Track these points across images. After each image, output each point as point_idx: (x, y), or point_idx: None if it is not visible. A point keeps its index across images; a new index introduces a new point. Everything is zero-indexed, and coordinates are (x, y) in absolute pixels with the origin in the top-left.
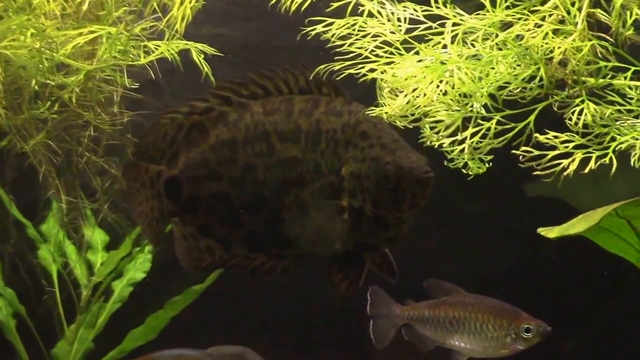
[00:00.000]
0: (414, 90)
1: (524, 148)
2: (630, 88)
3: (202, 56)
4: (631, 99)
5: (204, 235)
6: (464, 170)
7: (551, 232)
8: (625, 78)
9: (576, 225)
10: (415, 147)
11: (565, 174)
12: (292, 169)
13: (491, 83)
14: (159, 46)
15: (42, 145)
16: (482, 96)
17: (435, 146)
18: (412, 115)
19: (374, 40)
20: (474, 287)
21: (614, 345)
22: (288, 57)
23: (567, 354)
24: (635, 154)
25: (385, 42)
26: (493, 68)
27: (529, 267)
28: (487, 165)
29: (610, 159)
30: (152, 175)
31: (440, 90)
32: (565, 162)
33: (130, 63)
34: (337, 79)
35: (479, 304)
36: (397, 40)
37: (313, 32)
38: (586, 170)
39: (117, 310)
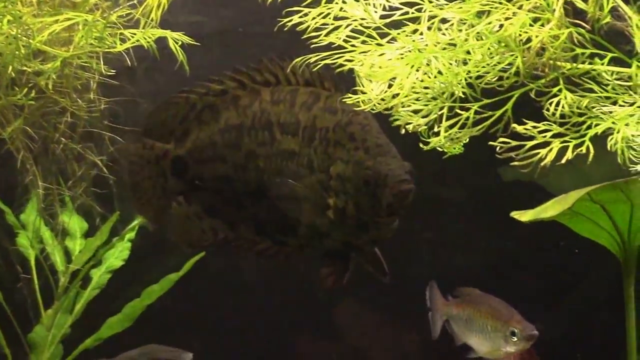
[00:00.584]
0: (393, 79)
1: (502, 139)
2: (607, 74)
3: (179, 43)
4: (607, 85)
5: (209, 215)
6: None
7: (524, 216)
8: (602, 64)
9: (549, 209)
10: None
11: (542, 163)
12: (290, 161)
13: (469, 71)
14: (134, 34)
15: (19, 132)
16: (460, 85)
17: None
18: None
19: (350, 27)
20: (448, 274)
21: (587, 329)
22: (264, 44)
23: (538, 336)
24: (612, 139)
25: (360, 31)
26: (468, 52)
27: (504, 252)
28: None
29: (588, 147)
30: (159, 153)
31: (418, 79)
32: (543, 151)
33: (106, 50)
34: (314, 68)
35: (482, 304)
36: (372, 28)
37: (289, 19)
38: (563, 160)
39: (95, 296)
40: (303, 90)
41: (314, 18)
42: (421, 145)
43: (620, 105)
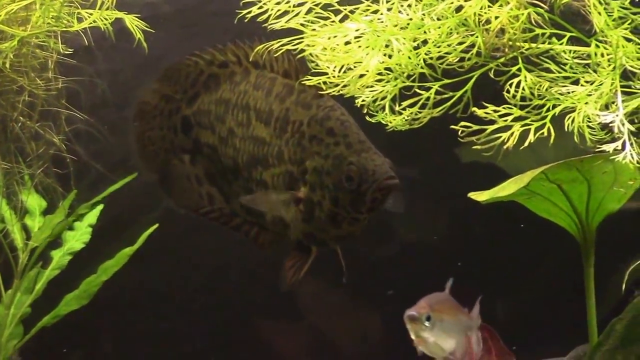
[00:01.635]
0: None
1: (463, 123)
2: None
3: (136, 22)
4: (566, 64)
5: (208, 181)
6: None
7: (482, 196)
8: (561, 44)
9: (506, 188)
10: None
11: (505, 147)
12: (260, 148)
13: (429, 51)
14: (91, 14)
15: None
16: (419, 66)
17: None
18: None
19: (309, 10)
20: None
21: (545, 309)
22: (221, 23)
23: (498, 318)
24: (569, 118)
25: (323, 16)
26: (425, 32)
27: (462, 231)
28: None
29: (548, 129)
30: (172, 108)
31: (380, 61)
32: (505, 135)
33: (63, 29)
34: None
35: None
36: (332, 10)
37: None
38: (526, 144)
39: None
40: (280, 80)
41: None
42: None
43: (582, 85)
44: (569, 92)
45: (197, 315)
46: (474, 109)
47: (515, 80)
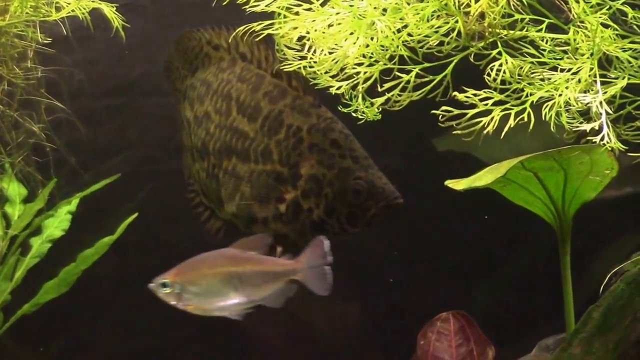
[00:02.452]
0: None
1: (444, 107)
2: (544, 40)
3: (114, 8)
4: (544, 50)
5: (200, 157)
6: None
7: (458, 184)
8: (540, 30)
9: (483, 178)
10: None
11: (485, 131)
12: (240, 141)
13: (410, 33)
14: (69, 3)
15: None
16: (400, 48)
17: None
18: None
19: None
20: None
21: (521, 297)
22: (199, 13)
23: (475, 305)
24: (547, 107)
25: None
26: (402, 19)
27: (440, 221)
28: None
29: (529, 114)
30: (184, 75)
31: (362, 45)
32: (485, 119)
33: (42, 19)
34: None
35: None
36: None
37: None
38: (505, 129)
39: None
40: (269, 79)
41: None
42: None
43: (561, 70)
44: (549, 78)
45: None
46: (455, 93)
47: (496, 64)
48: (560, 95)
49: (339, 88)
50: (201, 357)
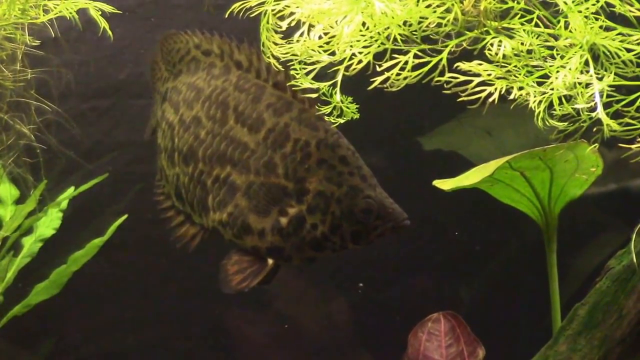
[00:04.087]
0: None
1: (449, 74)
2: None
3: (100, 12)
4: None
5: (159, 153)
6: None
7: (445, 184)
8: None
9: (470, 177)
10: None
11: (489, 100)
12: (238, 152)
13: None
14: (57, 5)
15: None
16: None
17: None
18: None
19: None
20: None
21: (507, 294)
22: (184, 15)
23: (462, 302)
24: (538, 100)
25: None
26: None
27: (427, 219)
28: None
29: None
30: (165, 77)
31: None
32: (490, 88)
33: (30, 21)
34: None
35: None
36: None
37: None
38: (510, 97)
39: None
40: (271, 91)
41: None
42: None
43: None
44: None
45: (164, 304)
46: (459, 63)
47: (496, 41)
48: (557, 78)
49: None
50: (189, 356)
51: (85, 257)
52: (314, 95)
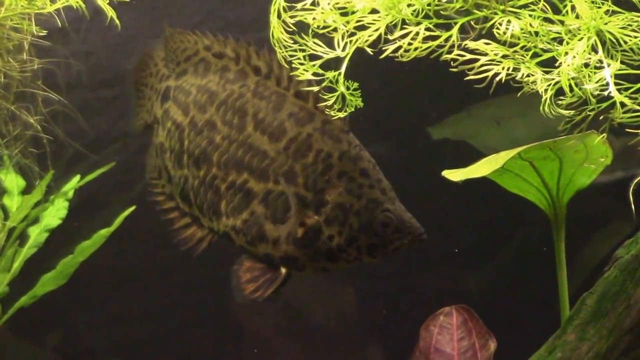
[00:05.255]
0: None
1: (456, 52)
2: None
3: (107, 1)
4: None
5: (161, 155)
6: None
7: (455, 175)
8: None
9: (480, 169)
10: None
11: (497, 79)
12: (257, 159)
13: None
14: None
15: None
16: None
17: None
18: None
19: None
20: None
21: (515, 284)
22: (191, 4)
23: (470, 291)
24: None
25: None
26: None
27: (434, 207)
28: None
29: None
30: (163, 74)
31: None
32: (496, 67)
33: (37, 11)
34: None
35: None
36: None
37: None
38: (518, 77)
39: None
40: (292, 100)
41: None
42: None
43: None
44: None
45: (170, 295)
46: (466, 42)
47: (505, 20)
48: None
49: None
50: (196, 346)
51: (92, 247)
52: (319, 87)
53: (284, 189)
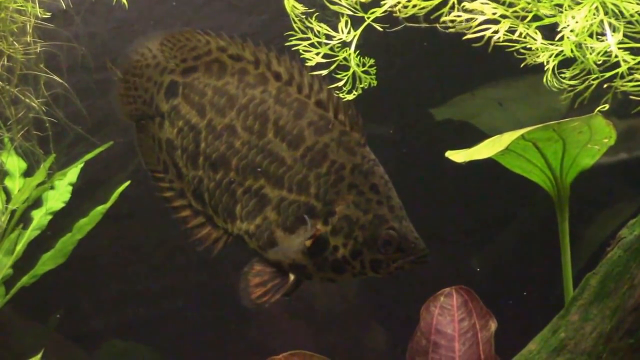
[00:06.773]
0: None
1: (455, 13)
2: None
3: None
4: None
5: (168, 150)
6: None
7: (458, 156)
8: None
9: (484, 150)
10: None
11: (494, 39)
12: (274, 165)
13: None
14: None
15: None
16: None
17: None
18: None
19: None
20: None
21: (519, 265)
22: None
23: (472, 273)
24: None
25: None
26: None
27: (435, 190)
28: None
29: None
30: (164, 67)
31: None
32: (494, 27)
33: None
34: None
35: None
36: None
37: None
38: (515, 36)
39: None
40: (313, 109)
41: None
42: None
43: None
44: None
45: (174, 276)
46: (465, 3)
47: None
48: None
49: None
50: (200, 329)
51: (89, 224)
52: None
53: (296, 197)
